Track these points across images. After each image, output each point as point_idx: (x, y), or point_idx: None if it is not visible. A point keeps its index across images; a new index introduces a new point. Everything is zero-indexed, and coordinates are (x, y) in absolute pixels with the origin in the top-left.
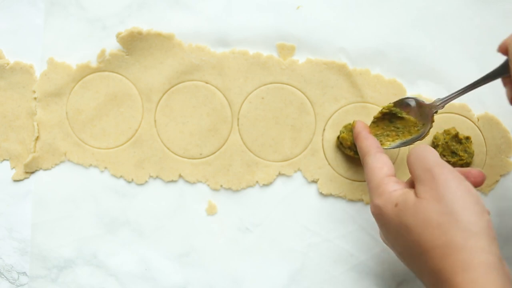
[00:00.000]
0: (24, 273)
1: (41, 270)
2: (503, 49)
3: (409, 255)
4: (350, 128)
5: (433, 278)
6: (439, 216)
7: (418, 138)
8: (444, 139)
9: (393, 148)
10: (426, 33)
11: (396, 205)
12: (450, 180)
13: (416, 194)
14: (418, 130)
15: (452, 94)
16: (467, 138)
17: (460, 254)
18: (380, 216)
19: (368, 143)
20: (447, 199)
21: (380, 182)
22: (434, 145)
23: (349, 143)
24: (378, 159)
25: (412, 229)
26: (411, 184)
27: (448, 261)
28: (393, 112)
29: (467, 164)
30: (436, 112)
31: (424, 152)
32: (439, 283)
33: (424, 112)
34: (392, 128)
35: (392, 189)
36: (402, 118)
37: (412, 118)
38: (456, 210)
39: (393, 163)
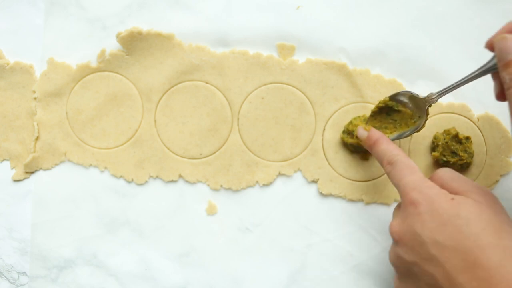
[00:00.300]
0: (24, 273)
1: (41, 270)
2: (489, 46)
3: (455, 249)
4: (363, 119)
5: (485, 274)
6: (500, 223)
7: (415, 130)
8: (444, 139)
9: (392, 140)
10: (426, 33)
11: (452, 199)
12: (499, 201)
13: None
14: (414, 122)
15: (445, 88)
16: (467, 138)
17: None
18: (428, 201)
19: (394, 146)
20: (504, 212)
21: (424, 178)
22: (434, 145)
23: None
24: (411, 161)
25: (473, 222)
26: None
27: (510, 263)
28: (390, 105)
29: (467, 164)
30: (430, 106)
31: (459, 174)
32: (495, 283)
33: (419, 105)
34: (390, 121)
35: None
36: (399, 111)
37: (408, 110)
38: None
39: None
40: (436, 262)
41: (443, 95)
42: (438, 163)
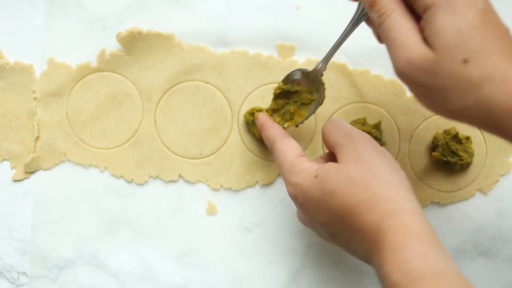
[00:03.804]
0: (24, 273)
1: (41, 270)
2: None
3: (334, 222)
4: (362, 122)
5: (360, 235)
6: (361, 173)
7: (318, 103)
8: (444, 139)
9: (305, 120)
10: None
11: (316, 176)
12: (368, 143)
13: (337, 161)
14: (314, 96)
15: (328, 52)
16: (467, 138)
17: (385, 204)
18: (300, 192)
19: (274, 131)
20: (367, 159)
21: (294, 162)
22: (434, 145)
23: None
24: (288, 143)
25: (336, 191)
26: (324, 160)
27: (374, 213)
28: (286, 89)
29: (467, 164)
30: (322, 75)
31: (341, 121)
32: (367, 237)
33: (313, 79)
34: (293, 104)
35: (308, 165)
36: (297, 91)
37: (305, 88)
38: (376, 167)
39: (310, 140)
40: (335, 237)
41: (329, 59)
42: (438, 163)
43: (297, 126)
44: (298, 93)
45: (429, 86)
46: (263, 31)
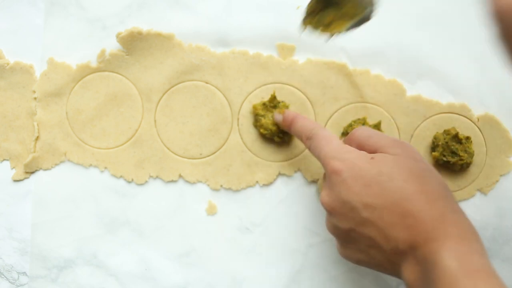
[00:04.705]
0: (24, 273)
1: (41, 270)
2: None
3: (381, 204)
4: (363, 122)
5: (412, 221)
6: (420, 171)
7: (365, 18)
8: (444, 139)
9: (346, 32)
10: (426, 33)
11: (372, 158)
12: (416, 149)
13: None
14: (360, 7)
15: None
16: (467, 138)
17: (445, 201)
18: (350, 168)
19: (310, 121)
20: (422, 160)
21: (342, 144)
22: (434, 145)
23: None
24: (329, 131)
25: (396, 176)
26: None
27: (436, 206)
28: None
29: (467, 164)
30: None
31: (376, 131)
32: (422, 224)
33: None
34: (333, 11)
35: (356, 149)
36: (337, 2)
37: None
38: (432, 169)
39: None
40: (369, 224)
41: None
42: (438, 163)
43: (331, 37)
44: (344, 1)
45: None
46: (263, 31)
